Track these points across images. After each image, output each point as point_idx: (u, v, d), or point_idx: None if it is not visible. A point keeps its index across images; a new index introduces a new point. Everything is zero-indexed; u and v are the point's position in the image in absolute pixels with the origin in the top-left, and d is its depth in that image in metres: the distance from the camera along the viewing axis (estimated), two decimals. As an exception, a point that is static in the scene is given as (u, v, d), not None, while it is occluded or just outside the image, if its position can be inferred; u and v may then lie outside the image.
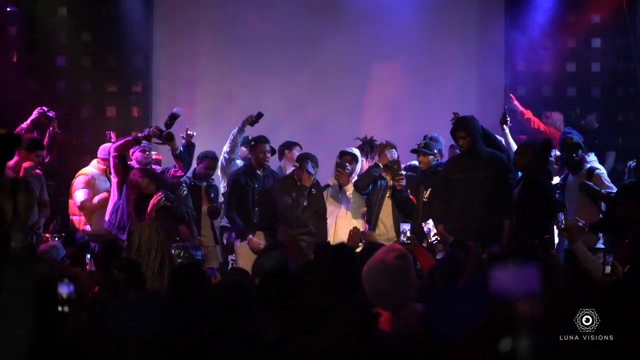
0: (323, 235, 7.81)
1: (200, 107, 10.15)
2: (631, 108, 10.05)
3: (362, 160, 8.10)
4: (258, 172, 8.05)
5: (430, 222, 6.88)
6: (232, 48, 10.16)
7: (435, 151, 7.63)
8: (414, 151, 7.66)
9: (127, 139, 7.87)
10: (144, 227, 5.60)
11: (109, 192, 8.08)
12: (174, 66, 10.23)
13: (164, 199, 7.59)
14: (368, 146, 8.17)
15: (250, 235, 7.90)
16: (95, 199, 8.25)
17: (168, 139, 7.88)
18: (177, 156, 7.98)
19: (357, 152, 8.06)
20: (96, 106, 10.10)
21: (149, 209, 7.54)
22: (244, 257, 7.82)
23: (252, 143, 8.10)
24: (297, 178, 7.79)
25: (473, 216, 7.01)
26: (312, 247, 6.48)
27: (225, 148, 8.32)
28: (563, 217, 6.24)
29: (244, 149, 8.57)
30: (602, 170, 7.69)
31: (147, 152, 8.05)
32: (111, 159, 7.81)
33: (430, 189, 7.45)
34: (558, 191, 7.52)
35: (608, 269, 5.78)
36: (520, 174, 7.23)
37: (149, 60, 10.15)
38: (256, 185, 8.00)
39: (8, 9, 10.01)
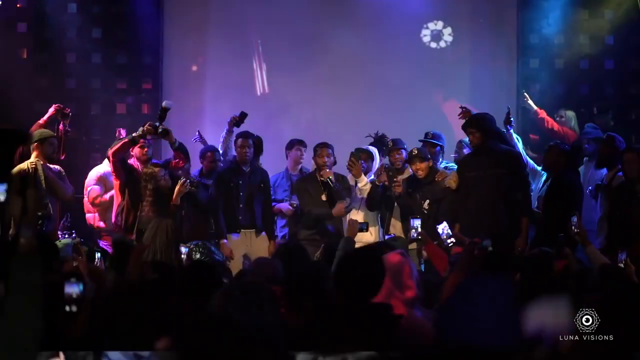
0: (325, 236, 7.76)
1: (209, 104, 10.12)
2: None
3: (377, 158, 8.08)
4: (244, 168, 8.00)
5: (444, 225, 6.76)
6: (241, 45, 10.12)
7: (429, 155, 7.59)
8: (408, 161, 7.59)
9: (124, 141, 7.70)
10: (148, 225, 5.62)
11: None
12: (184, 63, 10.21)
13: (188, 183, 7.55)
14: (380, 143, 8.14)
15: (224, 240, 7.82)
16: (107, 195, 8.22)
17: (164, 134, 7.75)
18: (176, 149, 7.85)
19: (373, 150, 8.03)
20: (106, 103, 10.08)
21: (174, 195, 7.51)
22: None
23: (235, 139, 8.04)
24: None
25: (487, 214, 7.00)
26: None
27: (220, 151, 8.31)
28: (576, 220, 6.16)
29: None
30: None
31: (146, 149, 7.89)
32: (110, 164, 7.75)
33: (429, 200, 7.42)
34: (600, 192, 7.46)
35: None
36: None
37: (159, 57, 10.12)
38: (241, 182, 7.95)
39: (18, 6, 10.00)
